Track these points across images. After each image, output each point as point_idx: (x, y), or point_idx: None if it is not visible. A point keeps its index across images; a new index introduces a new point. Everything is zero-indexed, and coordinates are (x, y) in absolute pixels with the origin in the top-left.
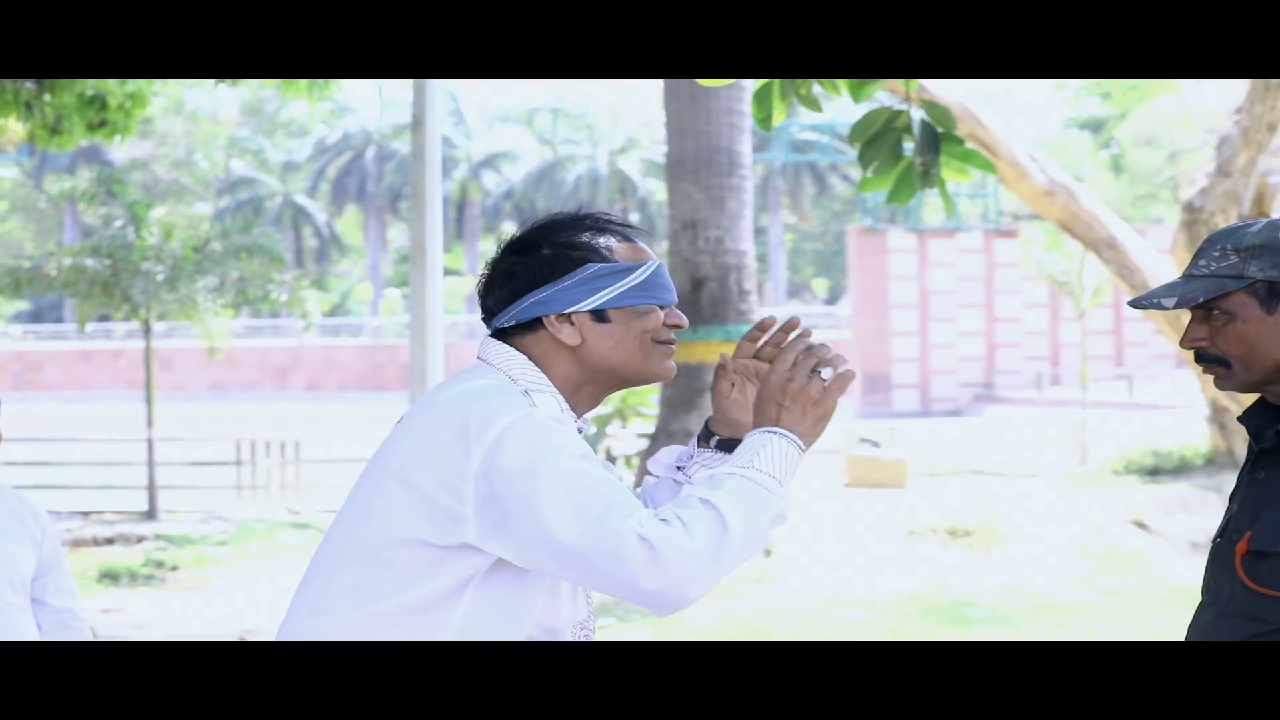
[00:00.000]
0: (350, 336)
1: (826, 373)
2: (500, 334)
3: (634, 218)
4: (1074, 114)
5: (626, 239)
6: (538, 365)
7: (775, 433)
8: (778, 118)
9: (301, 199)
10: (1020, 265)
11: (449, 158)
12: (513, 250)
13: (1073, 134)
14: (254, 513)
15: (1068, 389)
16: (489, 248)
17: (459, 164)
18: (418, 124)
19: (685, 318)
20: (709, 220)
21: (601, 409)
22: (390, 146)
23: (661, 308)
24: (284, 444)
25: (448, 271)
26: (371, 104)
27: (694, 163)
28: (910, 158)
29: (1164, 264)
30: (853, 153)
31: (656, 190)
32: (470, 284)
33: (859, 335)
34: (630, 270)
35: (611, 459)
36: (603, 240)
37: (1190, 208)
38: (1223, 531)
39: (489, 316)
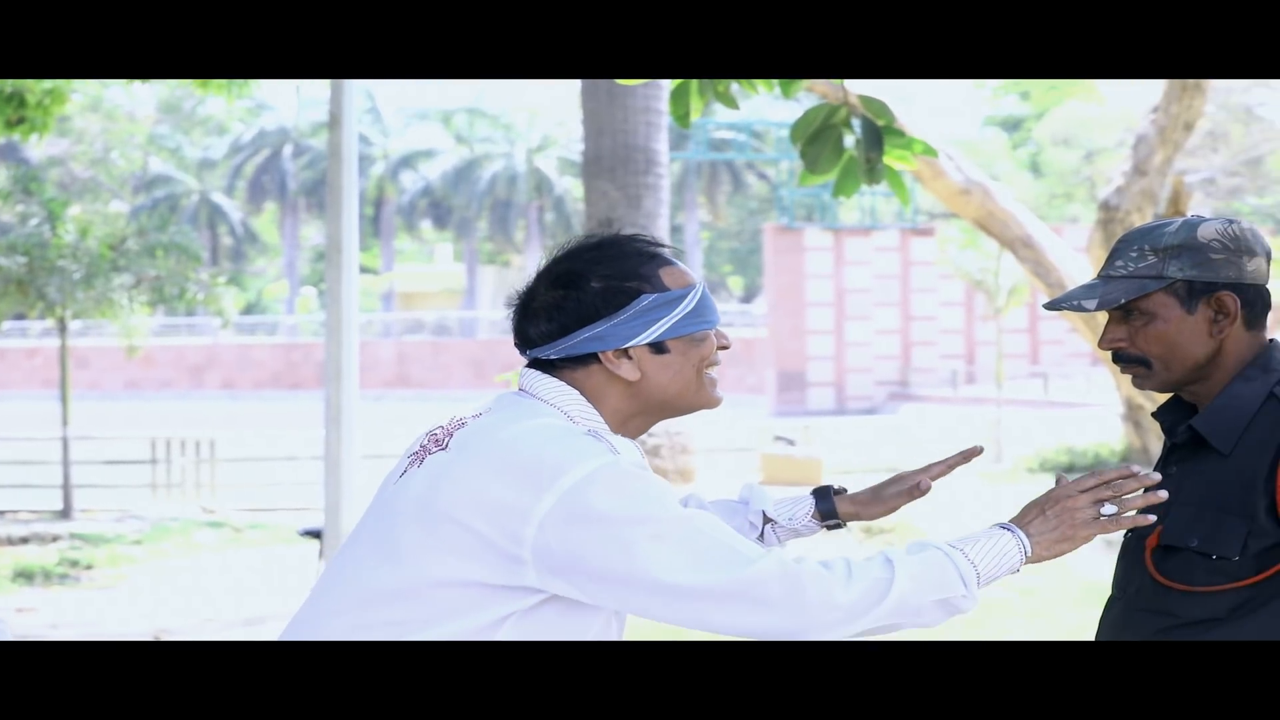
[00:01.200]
0: (266, 335)
1: (1109, 509)
2: (542, 364)
3: (549, 217)
4: (992, 113)
5: (670, 262)
6: (589, 399)
7: (1012, 531)
8: (695, 114)
9: (218, 197)
10: (936, 263)
11: (366, 156)
12: (559, 283)
13: (990, 133)
14: (169, 511)
15: (983, 387)
16: (405, 245)
17: (376, 162)
18: (335, 122)
19: (729, 336)
20: (625, 218)
21: None
22: (307, 144)
23: (712, 331)
24: (199, 443)
25: (364, 270)
26: (289, 102)
27: (611, 161)
28: (852, 152)
29: (1079, 262)
30: (769, 151)
31: (573, 188)
32: (385, 281)
33: (774, 333)
34: (682, 297)
35: None
36: (650, 268)
37: (1106, 206)
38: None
39: (527, 346)
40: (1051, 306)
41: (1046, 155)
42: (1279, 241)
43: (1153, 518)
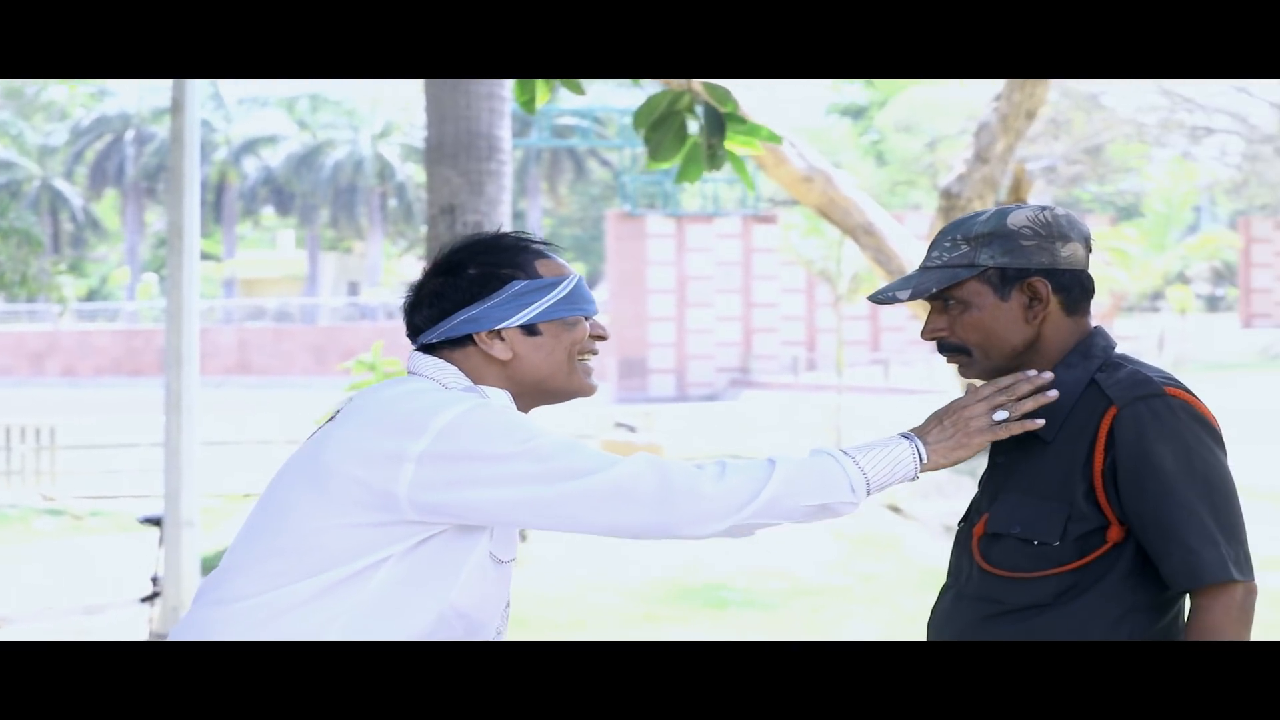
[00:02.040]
0: (107, 321)
1: (1002, 415)
2: (428, 349)
3: (392, 203)
4: (835, 100)
5: (545, 255)
6: (469, 378)
7: (909, 439)
8: (540, 100)
9: (59, 183)
10: (778, 251)
11: (208, 141)
12: (439, 272)
13: (834, 120)
14: (8, 499)
15: (824, 374)
16: (247, 231)
17: (218, 148)
18: (177, 108)
19: (606, 328)
20: (467, 205)
21: None
22: (149, 130)
23: (585, 318)
24: (39, 429)
25: (205, 256)
26: (130, 87)
27: (453, 147)
28: (696, 138)
29: (921, 250)
30: (612, 138)
31: (416, 175)
32: (227, 268)
33: (616, 320)
34: (555, 284)
35: None
36: (526, 258)
37: (948, 194)
38: (966, 516)
39: (415, 334)
40: (873, 299)
41: (889, 143)
42: (1119, 231)
43: (1041, 421)
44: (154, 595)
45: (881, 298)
